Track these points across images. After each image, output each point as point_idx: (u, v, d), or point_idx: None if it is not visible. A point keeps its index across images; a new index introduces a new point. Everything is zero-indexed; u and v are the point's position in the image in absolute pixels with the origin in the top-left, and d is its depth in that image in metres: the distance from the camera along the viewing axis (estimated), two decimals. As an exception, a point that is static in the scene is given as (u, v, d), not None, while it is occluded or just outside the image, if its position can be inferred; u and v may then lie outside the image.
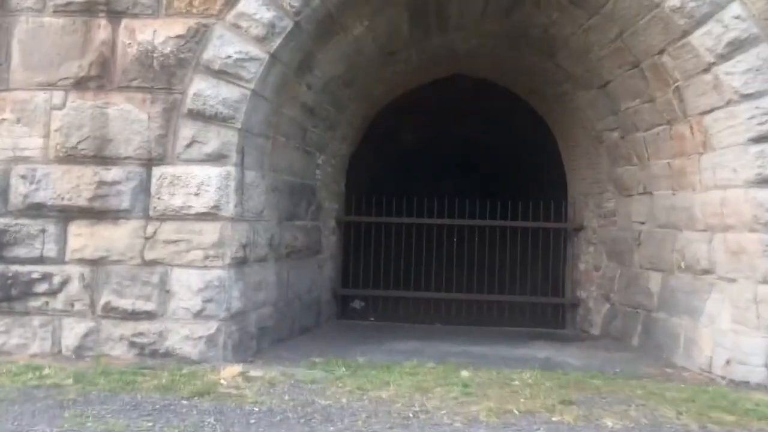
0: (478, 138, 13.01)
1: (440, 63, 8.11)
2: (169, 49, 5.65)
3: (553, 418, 4.37)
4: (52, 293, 5.60)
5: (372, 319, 8.93)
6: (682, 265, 6.34)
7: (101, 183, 5.63)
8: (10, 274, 5.60)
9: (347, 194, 8.79)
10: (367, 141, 12.55)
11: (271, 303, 6.41)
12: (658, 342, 6.69)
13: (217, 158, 5.63)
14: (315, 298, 7.71)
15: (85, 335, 5.57)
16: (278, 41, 5.70)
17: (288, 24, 5.66)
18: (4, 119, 5.67)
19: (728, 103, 5.54)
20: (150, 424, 4.02)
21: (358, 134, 8.58)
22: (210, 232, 5.58)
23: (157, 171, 5.64)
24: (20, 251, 5.61)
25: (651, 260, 6.94)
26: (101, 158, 5.66)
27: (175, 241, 5.59)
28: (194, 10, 5.63)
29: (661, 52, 5.98)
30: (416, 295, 8.63)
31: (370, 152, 12.61)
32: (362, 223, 8.64)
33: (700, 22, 5.51)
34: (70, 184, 5.64)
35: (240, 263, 5.76)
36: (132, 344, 5.56)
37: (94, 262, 5.61)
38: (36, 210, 5.65)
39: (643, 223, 7.16)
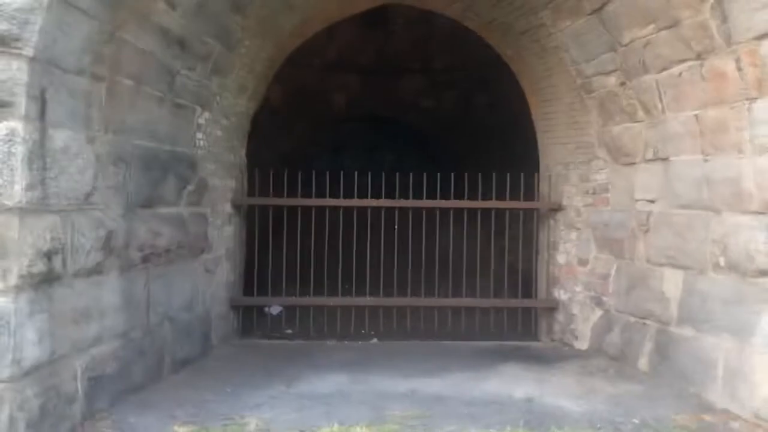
0: (422, 98, 10.94)
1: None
2: None
3: None
4: None
5: (289, 331, 6.77)
6: (722, 261, 4.41)
7: None
8: None
9: (250, 168, 6.52)
10: (289, 103, 10.34)
11: (114, 336, 4.16)
12: (681, 368, 4.77)
13: (-10, 107, 3.32)
14: (200, 316, 5.47)
15: None
16: None
17: None
18: None
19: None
20: None
21: (262, 84, 6.29)
22: (-21, 232, 3.29)
23: None
24: None
25: (666, 253, 5.00)
26: None
27: None
28: None
29: (697, -54, 4.01)
30: (344, 303, 6.47)
31: (293, 117, 10.40)
32: (271, 206, 6.41)
33: None
34: None
35: (42, 283, 3.48)
36: None
37: None
38: None
39: (652, 201, 5.20)
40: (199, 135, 5.38)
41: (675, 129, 4.81)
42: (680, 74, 4.62)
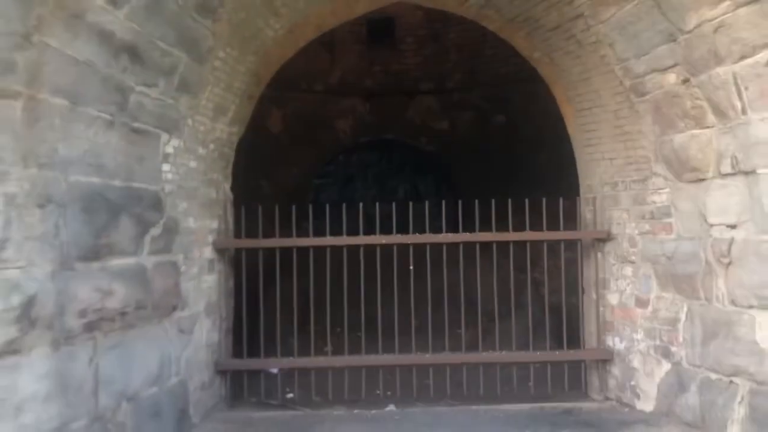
0: (435, 120, 9.97)
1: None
2: None
3: None
4: None
5: (290, 395, 5.71)
6: None
7: None
8: None
9: (244, 204, 5.54)
10: (291, 130, 9.45)
11: (42, 435, 3.14)
12: (791, 444, 3.66)
13: None
14: (172, 389, 4.43)
15: None
16: None
17: None
18: None
19: None
20: None
21: (246, 105, 5.32)
22: None
23: None
24: None
25: (759, 292, 3.90)
26: None
27: None
28: None
29: None
30: (353, 363, 5.40)
31: (295, 146, 9.48)
32: (261, 249, 5.39)
33: None
34: None
35: None
36: None
37: None
38: None
39: (733, 226, 4.12)
40: (167, 167, 4.40)
41: (762, 133, 3.76)
42: (768, 62, 3.59)
